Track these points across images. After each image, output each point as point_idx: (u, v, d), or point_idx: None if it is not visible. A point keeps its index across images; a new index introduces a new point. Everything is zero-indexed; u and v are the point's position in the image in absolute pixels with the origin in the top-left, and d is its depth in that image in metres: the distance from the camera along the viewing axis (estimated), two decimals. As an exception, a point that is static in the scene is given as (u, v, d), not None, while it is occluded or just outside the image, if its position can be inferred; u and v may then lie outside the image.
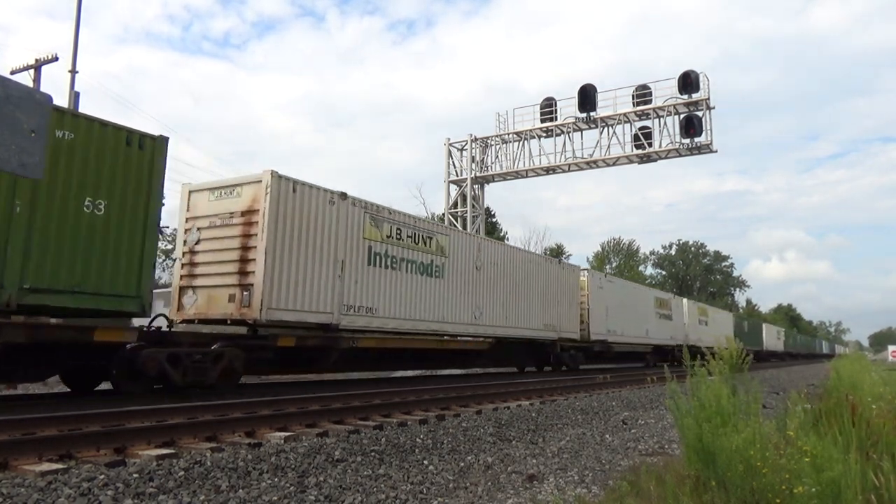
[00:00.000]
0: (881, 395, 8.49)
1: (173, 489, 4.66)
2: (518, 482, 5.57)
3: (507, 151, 28.02)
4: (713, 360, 5.56)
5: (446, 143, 28.88)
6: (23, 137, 2.37)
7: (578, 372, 21.98)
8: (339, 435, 6.91)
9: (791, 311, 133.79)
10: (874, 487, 4.00)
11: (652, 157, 25.41)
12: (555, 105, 26.78)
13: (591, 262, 73.27)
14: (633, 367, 28.09)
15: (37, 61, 20.61)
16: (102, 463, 5.19)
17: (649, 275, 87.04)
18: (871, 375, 12.56)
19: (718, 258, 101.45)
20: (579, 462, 6.50)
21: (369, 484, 5.20)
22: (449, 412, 9.29)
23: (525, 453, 6.82)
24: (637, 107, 25.16)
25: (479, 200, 28.85)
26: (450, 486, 5.35)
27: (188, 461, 5.31)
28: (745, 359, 5.76)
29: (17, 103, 2.35)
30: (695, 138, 24.01)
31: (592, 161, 26.16)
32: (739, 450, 4.19)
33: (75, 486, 4.47)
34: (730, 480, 4.23)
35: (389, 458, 6.12)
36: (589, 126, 26.05)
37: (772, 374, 24.86)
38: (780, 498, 3.84)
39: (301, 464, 5.58)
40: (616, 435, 8.34)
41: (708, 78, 24.22)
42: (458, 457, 6.44)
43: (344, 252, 12.89)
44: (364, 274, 13.35)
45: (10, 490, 4.35)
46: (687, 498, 4.23)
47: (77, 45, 20.09)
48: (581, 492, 5.28)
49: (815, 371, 32.13)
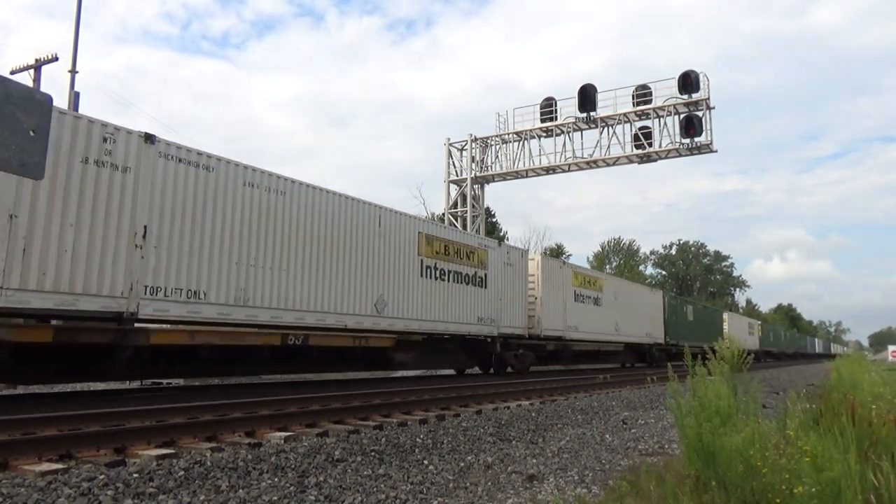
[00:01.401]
0: (881, 395, 8.49)
1: (173, 489, 4.66)
2: (518, 482, 5.56)
3: (507, 151, 28.03)
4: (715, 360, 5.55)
5: (446, 143, 28.89)
6: (23, 137, 2.37)
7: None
8: (339, 435, 6.91)
9: (791, 311, 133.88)
10: (874, 487, 4.00)
11: (652, 157, 25.40)
12: (555, 105, 26.78)
13: (592, 261, 73.31)
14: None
15: (37, 61, 20.61)
16: (102, 463, 5.19)
17: (649, 275, 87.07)
18: (870, 375, 12.55)
19: (718, 258, 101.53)
20: (579, 462, 6.50)
21: (369, 484, 5.20)
22: (449, 412, 9.29)
23: (525, 453, 6.81)
24: (637, 107, 25.16)
25: (479, 200, 28.84)
26: (450, 486, 5.35)
27: (188, 461, 5.32)
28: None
29: (18, 103, 2.36)
30: (695, 138, 24.01)
31: (592, 161, 26.16)
32: (739, 449, 4.19)
33: (75, 486, 4.47)
34: (730, 480, 4.23)
35: (389, 458, 6.12)
36: (589, 126, 26.05)
37: (771, 374, 24.85)
38: (779, 498, 3.84)
39: (301, 464, 5.58)
40: (616, 435, 8.34)
41: (708, 78, 24.24)
42: (458, 457, 6.44)
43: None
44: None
45: (10, 490, 4.35)
46: (687, 498, 4.23)
47: (77, 46, 20.13)
48: (581, 492, 5.28)
49: (814, 371, 32.12)
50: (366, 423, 8.01)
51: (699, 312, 38.35)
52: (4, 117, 2.31)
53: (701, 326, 35.64)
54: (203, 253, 10.77)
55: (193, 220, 10.67)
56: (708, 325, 37.20)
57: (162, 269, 10.10)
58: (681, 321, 33.66)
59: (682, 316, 34.44)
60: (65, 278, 8.92)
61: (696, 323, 35.96)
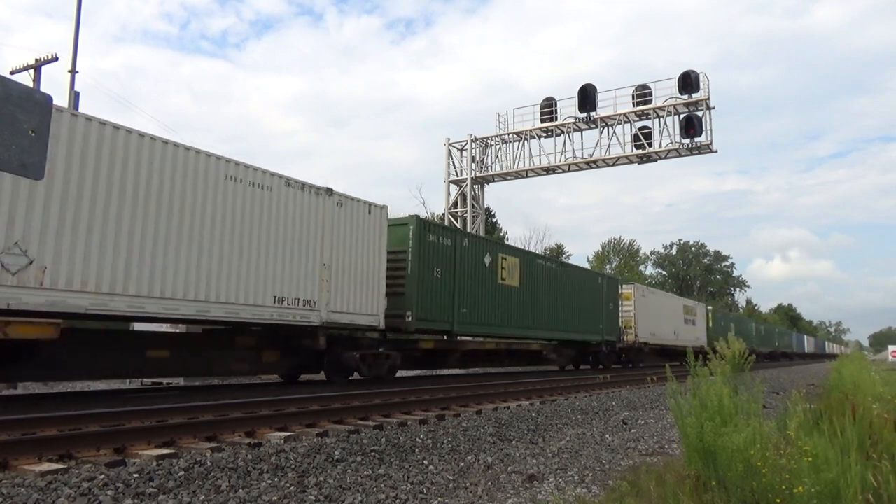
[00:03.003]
0: (881, 395, 8.50)
1: (173, 489, 4.66)
2: (518, 482, 5.56)
3: (507, 151, 28.05)
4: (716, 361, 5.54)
5: (446, 143, 28.90)
6: (23, 137, 2.37)
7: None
8: (339, 435, 6.91)
9: (791, 311, 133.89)
10: (873, 488, 4.00)
11: (652, 157, 25.42)
12: (555, 105, 26.80)
13: (592, 262, 73.28)
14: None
15: (37, 61, 20.60)
16: (102, 463, 5.19)
17: (649, 274, 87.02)
18: (871, 375, 12.56)
19: (718, 258, 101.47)
20: (579, 462, 6.50)
21: (369, 484, 5.19)
22: (449, 412, 9.29)
23: (525, 453, 6.81)
24: (637, 107, 25.18)
25: (479, 200, 28.86)
26: (450, 486, 5.35)
27: (188, 461, 5.31)
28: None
29: (18, 103, 2.35)
30: (695, 138, 24.03)
31: (592, 161, 26.17)
32: (740, 449, 4.19)
33: (75, 486, 4.47)
34: (730, 480, 4.23)
35: (389, 458, 6.12)
36: (589, 126, 26.07)
37: (772, 374, 24.85)
38: (779, 498, 3.84)
39: (301, 464, 5.58)
40: (616, 435, 8.34)
41: (708, 78, 24.27)
42: (458, 457, 6.44)
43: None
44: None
45: (10, 490, 4.35)
46: (687, 498, 4.23)
47: (77, 46, 20.10)
48: (581, 492, 5.28)
49: (815, 371, 32.13)
50: (366, 423, 8.01)
51: (568, 273, 23.01)
52: (4, 117, 2.30)
53: (580, 309, 22.66)
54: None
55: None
56: (589, 299, 23.47)
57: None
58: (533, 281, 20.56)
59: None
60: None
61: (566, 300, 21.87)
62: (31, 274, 8.33)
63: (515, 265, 19.20)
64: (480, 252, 17.51)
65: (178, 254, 10.12)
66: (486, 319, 17.43)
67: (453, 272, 16.01)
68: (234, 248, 10.96)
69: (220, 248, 10.74)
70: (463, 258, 16.50)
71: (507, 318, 18.47)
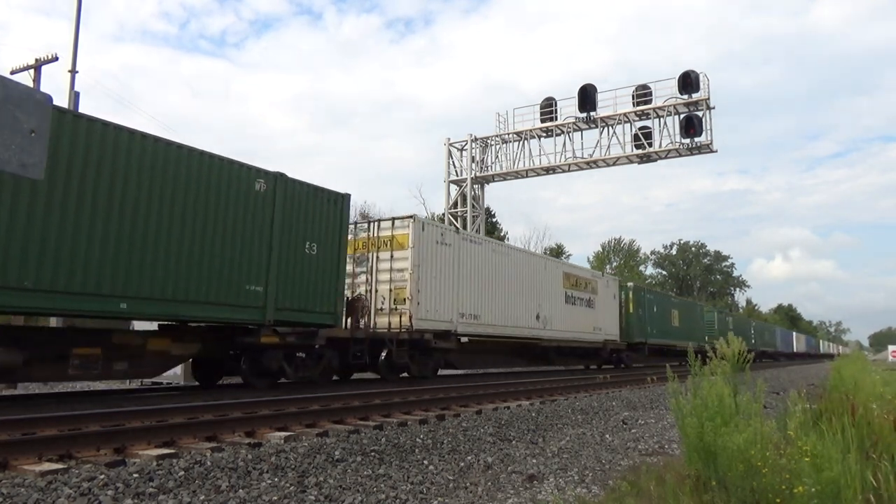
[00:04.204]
0: (881, 395, 8.49)
1: (173, 489, 4.66)
2: (518, 482, 5.56)
3: (507, 151, 28.05)
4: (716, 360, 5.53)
5: (446, 143, 28.91)
6: (23, 137, 2.37)
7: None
8: (339, 435, 6.91)
9: (791, 311, 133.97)
10: (873, 488, 4.00)
11: (652, 157, 25.42)
12: (555, 105, 26.81)
13: (592, 262, 73.29)
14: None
15: (37, 61, 20.60)
16: (102, 463, 5.19)
17: (649, 274, 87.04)
18: (871, 375, 12.56)
19: (719, 258, 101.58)
20: (579, 462, 6.50)
21: (369, 484, 5.19)
22: (449, 412, 9.29)
23: (525, 453, 6.81)
24: (637, 107, 25.18)
25: (479, 200, 28.86)
26: (450, 486, 5.35)
27: (188, 461, 5.32)
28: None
29: (18, 103, 2.35)
30: (695, 138, 24.03)
31: (592, 161, 26.17)
32: (740, 449, 4.19)
33: (75, 486, 4.47)
34: (730, 480, 4.23)
35: (389, 457, 6.12)
36: (589, 126, 26.07)
37: (771, 374, 24.84)
38: (780, 498, 3.84)
39: (301, 464, 5.58)
40: (616, 435, 8.34)
41: (708, 78, 24.28)
42: (458, 457, 6.44)
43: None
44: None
45: (10, 490, 4.35)
46: (687, 498, 4.23)
47: (77, 46, 20.10)
48: (581, 492, 5.28)
49: (816, 371, 32.13)
50: (366, 423, 8.02)
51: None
52: (4, 117, 2.31)
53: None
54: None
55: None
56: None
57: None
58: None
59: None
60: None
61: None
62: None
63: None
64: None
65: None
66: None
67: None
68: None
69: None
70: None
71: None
